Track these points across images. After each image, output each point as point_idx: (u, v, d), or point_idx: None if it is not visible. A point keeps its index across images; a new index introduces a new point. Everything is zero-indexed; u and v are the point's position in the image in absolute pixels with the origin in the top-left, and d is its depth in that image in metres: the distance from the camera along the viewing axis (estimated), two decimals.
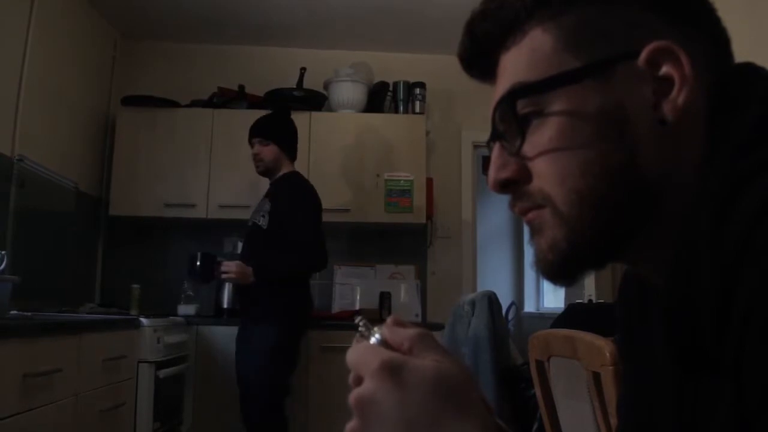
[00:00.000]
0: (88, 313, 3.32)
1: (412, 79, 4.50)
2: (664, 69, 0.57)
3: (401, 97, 4.48)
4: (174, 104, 4.24)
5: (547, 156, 0.59)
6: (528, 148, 0.60)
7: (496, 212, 5.85)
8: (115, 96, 4.37)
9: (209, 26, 4.33)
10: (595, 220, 0.58)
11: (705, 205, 0.51)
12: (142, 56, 4.59)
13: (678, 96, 0.57)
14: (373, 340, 0.57)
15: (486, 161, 0.65)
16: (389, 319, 0.59)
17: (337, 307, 4.34)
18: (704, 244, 0.50)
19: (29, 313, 2.68)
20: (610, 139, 0.57)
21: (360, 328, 0.59)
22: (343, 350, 0.57)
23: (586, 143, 0.58)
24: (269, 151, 3.28)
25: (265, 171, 3.32)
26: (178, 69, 4.52)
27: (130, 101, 4.21)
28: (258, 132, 3.32)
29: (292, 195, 3.23)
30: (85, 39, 4.05)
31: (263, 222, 3.20)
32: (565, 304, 4.37)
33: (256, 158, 3.30)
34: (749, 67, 0.61)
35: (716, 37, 0.62)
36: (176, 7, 4.13)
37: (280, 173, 3.32)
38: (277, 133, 3.33)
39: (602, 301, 3.91)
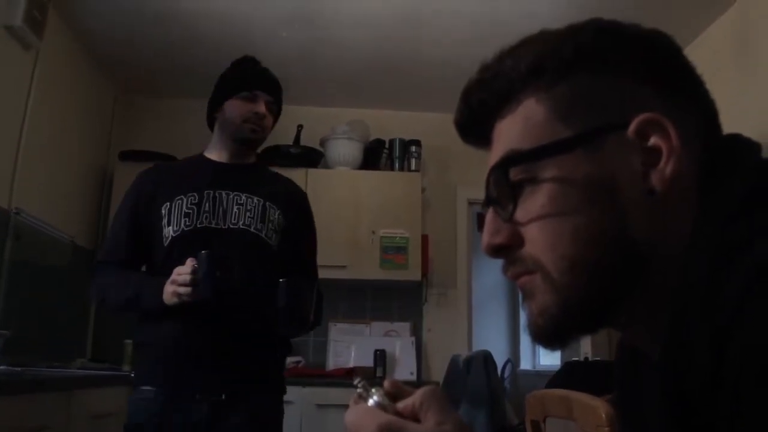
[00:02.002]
0: (79, 369, 3.27)
1: (407, 137, 4.55)
2: (653, 140, 0.59)
3: (397, 154, 4.53)
4: (171, 159, 4.26)
5: (539, 222, 0.60)
6: (520, 215, 0.61)
7: (492, 269, 5.82)
8: (113, 150, 4.41)
9: (207, 83, 4.37)
10: (586, 286, 0.59)
11: (696, 274, 0.52)
12: (141, 111, 4.64)
13: (666, 167, 0.58)
14: (371, 401, 0.57)
15: (481, 219, 0.66)
16: (387, 383, 0.59)
17: (332, 365, 4.29)
18: (697, 314, 0.50)
19: (19, 368, 2.65)
20: (600, 207, 0.59)
21: (358, 389, 0.58)
22: (339, 408, 0.57)
23: (577, 210, 0.59)
24: (270, 123, 2.18)
25: (254, 144, 2.16)
26: (176, 124, 4.56)
27: (128, 156, 4.24)
28: (275, 91, 2.20)
29: (306, 212, 2.29)
30: (86, 94, 4.11)
31: (269, 236, 2.08)
32: (561, 362, 4.33)
33: (258, 120, 2.11)
34: (737, 138, 0.62)
35: (705, 109, 0.64)
36: (175, 65, 4.20)
37: (255, 161, 2.26)
38: (281, 108, 2.27)
39: (598, 358, 3.88)
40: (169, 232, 2.02)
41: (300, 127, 4.41)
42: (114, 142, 4.47)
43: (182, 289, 1.83)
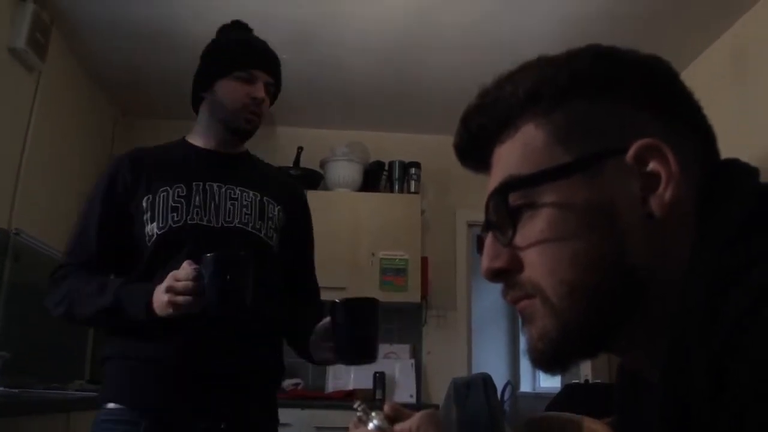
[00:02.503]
0: (77, 390, 3.26)
1: (407, 159, 4.57)
2: (652, 165, 0.59)
3: (397, 176, 4.54)
4: None
5: (538, 247, 0.61)
6: (519, 239, 0.62)
7: (492, 291, 5.80)
8: None
9: None
10: (585, 311, 0.59)
11: (694, 299, 0.52)
12: (141, 133, 4.63)
13: (665, 192, 0.58)
14: (371, 426, 0.57)
15: (480, 242, 0.67)
16: (387, 407, 0.59)
17: (331, 387, 4.27)
18: (695, 339, 0.50)
19: (16, 390, 2.63)
20: (600, 232, 0.59)
21: (358, 413, 0.59)
22: (338, 431, 0.57)
23: (576, 235, 0.59)
24: (267, 109, 1.86)
25: (249, 135, 1.85)
26: None
27: None
28: (275, 70, 1.86)
29: (307, 211, 2.01)
30: (87, 116, 4.13)
31: (269, 236, 1.80)
32: (561, 384, 4.31)
33: (256, 106, 1.79)
34: (734, 163, 0.63)
35: (703, 134, 0.64)
36: (175, 87, 4.19)
37: (247, 151, 1.94)
38: (279, 89, 1.93)
39: (599, 381, 3.86)
40: (153, 229, 1.68)
41: (300, 148, 4.43)
42: None
43: (181, 299, 1.46)
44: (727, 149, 0.65)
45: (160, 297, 1.50)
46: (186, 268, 1.48)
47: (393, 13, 3.42)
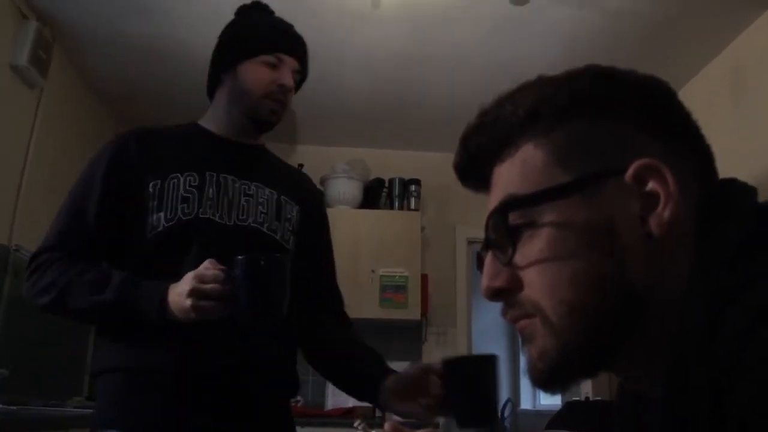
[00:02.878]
0: (75, 407, 3.24)
1: (407, 176, 4.58)
2: (650, 185, 0.59)
3: (397, 193, 4.55)
4: None
5: (538, 266, 0.61)
6: (519, 259, 0.62)
7: (492, 308, 5.79)
8: None
9: None
10: (585, 331, 0.59)
11: (693, 319, 0.52)
12: None
13: (663, 211, 0.58)
14: None
15: (480, 260, 0.67)
16: (387, 425, 0.60)
17: (330, 404, 4.25)
18: (695, 359, 0.51)
19: (14, 407, 2.62)
20: (599, 252, 0.59)
21: (358, 431, 0.59)
22: None
23: (575, 255, 0.59)
24: (292, 98, 1.70)
25: (271, 126, 1.67)
26: None
27: None
28: (304, 57, 1.73)
29: (326, 217, 1.82)
30: (88, 131, 4.14)
31: (286, 238, 1.61)
32: (562, 402, 4.29)
33: (283, 94, 1.63)
34: (733, 183, 0.63)
35: (702, 154, 0.65)
36: (177, 102, 4.24)
37: (264, 145, 1.75)
38: (306, 77, 1.79)
39: (599, 398, 3.85)
40: (159, 219, 1.47)
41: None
42: None
43: (208, 304, 1.25)
44: (725, 167, 0.66)
45: (180, 299, 1.28)
46: (212, 269, 1.27)
47: (394, 32, 3.45)
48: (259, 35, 1.63)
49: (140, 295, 1.36)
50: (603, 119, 0.62)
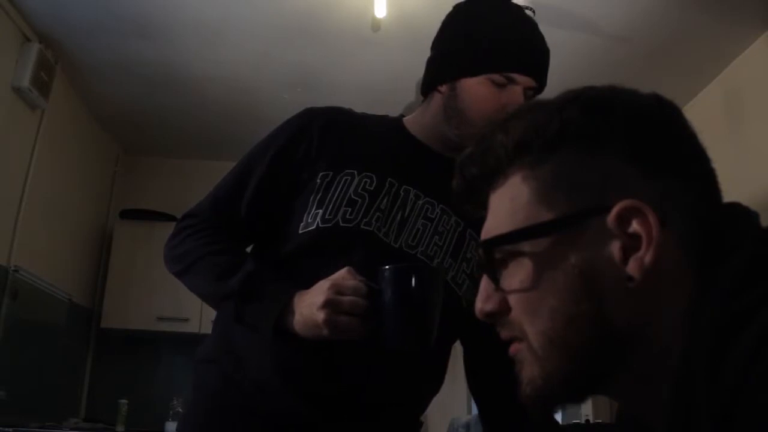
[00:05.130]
0: (71, 429, 3.23)
1: None
2: (634, 226, 0.58)
3: None
4: (171, 218, 4.29)
5: (520, 296, 0.62)
6: (506, 285, 0.63)
7: None
8: (114, 209, 4.45)
9: (207, 144, 4.45)
10: (567, 363, 0.60)
11: (700, 345, 0.52)
12: (143, 171, 4.69)
13: (645, 255, 0.57)
14: None
15: (475, 278, 0.70)
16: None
17: None
18: (702, 385, 0.50)
19: (10, 429, 2.61)
20: (577, 291, 0.59)
21: None
22: None
23: (554, 292, 0.60)
24: None
25: None
26: (176, 184, 4.59)
27: (128, 214, 4.28)
28: (544, 71, 1.34)
29: None
30: (89, 153, 4.16)
31: (459, 282, 1.31)
32: (561, 421, 4.26)
33: None
34: (735, 207, 0.63)
35: (703, 178, 0.64)
36: (178, 127, 4.27)
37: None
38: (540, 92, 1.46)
39: (600, 420, 3.82)
40: (315, 216, 1.24)
41: None
42: (115, 201, 4.52)
43: (346, 320, 1.04)
44: (722, 193, 0.65)
45: (309, 312, 1.08)
46: (351, 280, 1.06)
47: (393, 56, 3.47)
48: (487, 49, 1.30)
49: (264, 299, 1.16)
50: (591, 153, 0.61)
